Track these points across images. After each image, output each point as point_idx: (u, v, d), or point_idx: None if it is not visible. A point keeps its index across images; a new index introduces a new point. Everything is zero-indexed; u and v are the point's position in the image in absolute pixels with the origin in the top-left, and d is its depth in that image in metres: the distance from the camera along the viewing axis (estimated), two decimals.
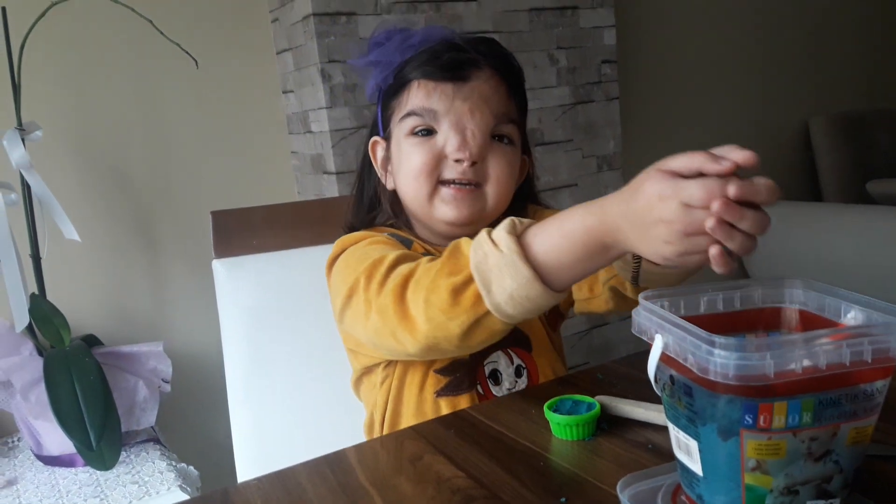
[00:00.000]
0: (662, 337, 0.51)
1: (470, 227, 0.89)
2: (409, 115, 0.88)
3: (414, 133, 0.88)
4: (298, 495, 0.64)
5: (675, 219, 0.56)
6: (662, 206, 0.57)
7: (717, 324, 0.54)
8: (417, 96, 0.87)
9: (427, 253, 0.91)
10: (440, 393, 0.88)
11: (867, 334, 0.46)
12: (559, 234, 0.66)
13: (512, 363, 0.91)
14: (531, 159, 1.01)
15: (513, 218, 0.70)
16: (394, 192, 0.94)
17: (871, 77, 2.97)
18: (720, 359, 0.45)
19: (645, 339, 0.54)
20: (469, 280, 0.69)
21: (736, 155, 0.55)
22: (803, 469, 0.47)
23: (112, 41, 1.64)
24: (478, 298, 0.69)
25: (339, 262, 0.88)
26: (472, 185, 0.88)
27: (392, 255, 0.79)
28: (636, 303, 0.56)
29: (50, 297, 1.44)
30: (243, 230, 1.18)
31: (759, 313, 0.58)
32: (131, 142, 1.69)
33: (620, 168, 2.07)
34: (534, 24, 1.85)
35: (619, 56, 2.10)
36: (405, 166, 0.89)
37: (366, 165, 0.99)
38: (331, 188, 1.66)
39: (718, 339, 0.46)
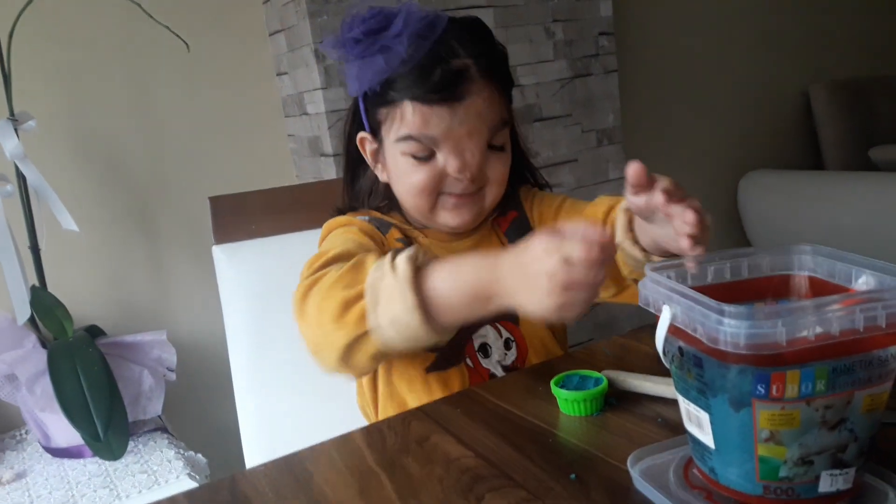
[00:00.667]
0: (670, 308, 0.50)
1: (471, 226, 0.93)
2: (407, 138, 0.86)
3: (413, 156, 0.87)
4: (306, 480, 0.64)
5: (556, 271, 0.61)
6: (547, 259, 0.61)
7: (725, 293, 0.52)
8: (414, 122, 0.85)
9: (404, 238, 0.92)
10: (430, 369, 0.89)
11: (880, 299, 0.45)
12: (453, 275, 0.69)
13: (501, 336, 0.92)
14: (519, 129, 1.00)
15: (418, 247, 0.72)
16: (387, 185, 0.94)
17: (871, 44, 2.93)
18: (730, 328, 0.44)
19: (652, 310, 0.53)
20: (360, 296, 0.70)
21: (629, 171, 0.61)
22: (818, 438, 0.47)
23: (101, 27, 1.62)
24: (363, 315, 0.70)
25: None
26: (473, 191, 0.89)
27: (335, 251, 0.81)
28: None
29: (51, 288, 1.44)
30: (242, 215, 1.17)
31: (767, 281, 0.57)
32: (126, 129, 1.67)
33: (621, 142, 2.05)
34: None
35: (616, 28, 2.07)
36: (405, 182, 0.89)
37: (351, 154, 0.98)
38: (329, 170, 1.64)
39: (728, 307, 0.45)
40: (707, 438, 0.50)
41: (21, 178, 1.38)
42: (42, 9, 1.37)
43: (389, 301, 0.68)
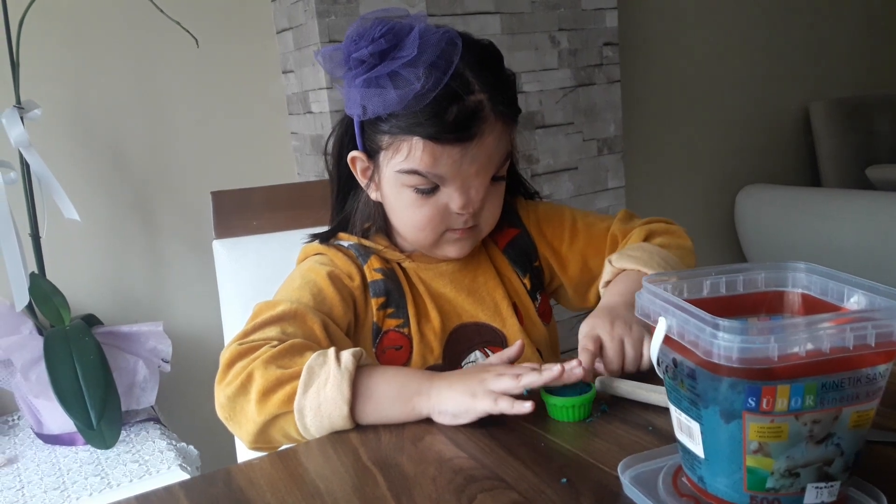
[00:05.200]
0: (666, 320, 0.51)
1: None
2: (411, 172, 0.84)
3: (416, 188, 0.85)
4: (301, 475, 0.65)
5: (487, 377, 0.70)
6: (486, 370, 0.72)
7: (719, 307, 0.54)
8: (422, 159, 0.82)
9: (384, 268, 0.91)
10: None
11: (871, 318, 0.46)
12: (389, 375, 0.73)
13: None
14: (514, 142, 0.97)
15: (361, 350, 0.74)
16: (378, 204, 0.92)
17: (871, 62, 2.95)
18: (724, 342, 0.45)
19: (648, 322, 0.54)
20: (296, 375, 0.71)
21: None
22: (805, 452, 0.48)
23: (112, 19, 1.63)
24: (291, 396, 0.71)
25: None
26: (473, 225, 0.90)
27: (283, 308, 0.81)
28: None
29: (49, 276, 1.44)
30: (243, 211, 1.18)
31: (762, 297, 0.58)
32: (131, 121, 1.68)
33: (621, 152, 2.07)
34: (535, 5, 1.84)
35: (621, 38, 2.08)
36: (407, 217, 0.88)
37: (342, 173, 0.94)
38: None
39: (723, 322, 0.46)
40: (697, 448, 0.51)
41: (25, 166, 1.38)
42: None
43: (324, 385, 0.70)
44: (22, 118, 1.36)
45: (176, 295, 1.76)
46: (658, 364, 0.54)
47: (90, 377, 1.29)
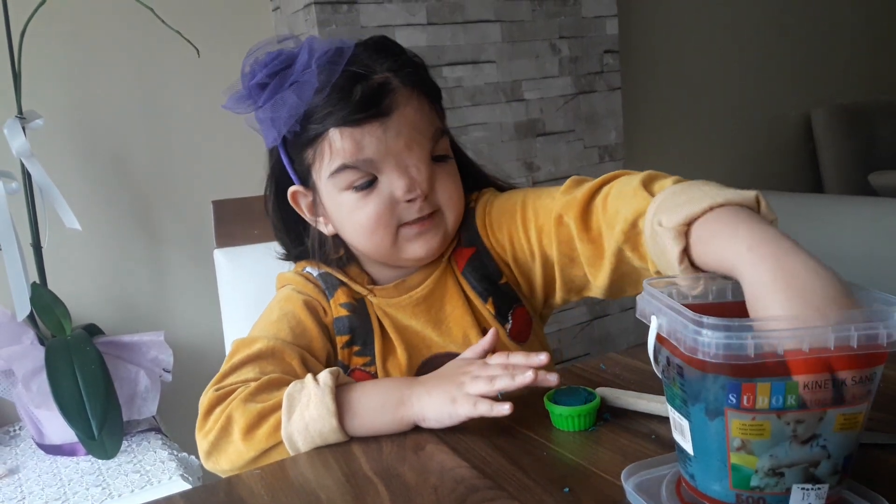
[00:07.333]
0: (657, 318, 0.51)
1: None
2: (341, 169, 0.80)
3: (353, 187, 0.81)
4: (302, 485, 0.65)
5: (465, 381, 0.70)
6: (464, 371, 0.72)
7: (725, 312, 0.53)
8: (345, 149, 0.79)
9: (350, 303, 0.87)
10: None
11: (855, 321, 0.46)
12: (370, 386, 0.74)
13: None
14: (459, 141, 0.94)
15: (339, 369, 0.74)
16: (335, 236, 0.88)
17: (873, 69, 2.96)
18: (706, 338, 0.46)
19: (645, 321, 0.54)
20: (276, 407, 0.72)
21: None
22: (789, 451, 0.47)
23: (113, 29, 1.63)
24: (277, 427, 0.71)
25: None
26: (430, 214, 0.84)
27: (259, 346, 0.80)
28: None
29: (51, 286, 1.44)
30: (245, 220, 1.18)
31: None
32: (133, 130, 1.68)
33: (622, 159, 2.07)
34: (536, 13, 1.84)
35: (622, 46, 2.09)
36: (355, 222, 0.83)
37: (287, 217, 0.91)
38: None
39: (707, 319, 0.46)
40: (688, 445, 0.52)
41: (26, 176, 1.38)
42: (54, 9, 1.39)
43: (307, 407, 0.70)
44: (24, 128, 1.36)
45: (177, 304, 1.76)
46: (656, 363, 0.54)
47: (91, 387, 1.29)
